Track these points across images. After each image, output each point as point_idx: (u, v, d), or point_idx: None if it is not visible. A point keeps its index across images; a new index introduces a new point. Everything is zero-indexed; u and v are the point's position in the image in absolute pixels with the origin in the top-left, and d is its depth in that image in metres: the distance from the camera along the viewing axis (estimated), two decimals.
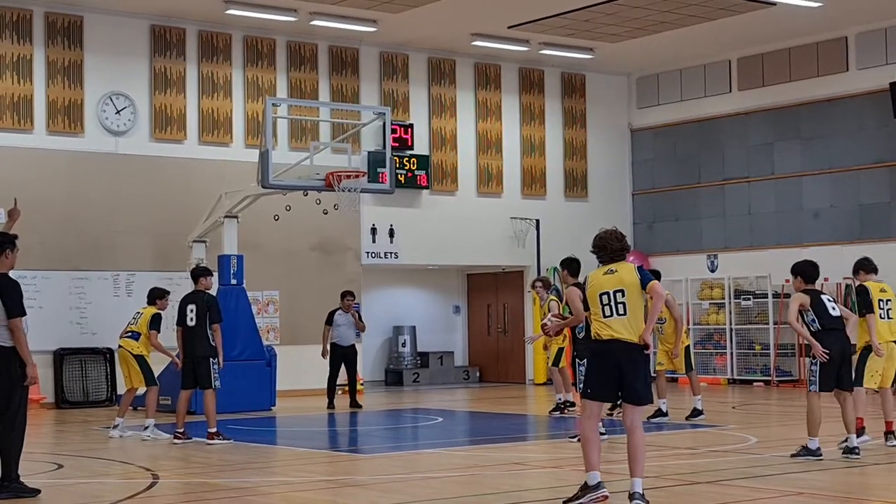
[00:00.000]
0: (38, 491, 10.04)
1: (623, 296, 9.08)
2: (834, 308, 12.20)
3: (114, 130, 21.53)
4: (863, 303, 13.22)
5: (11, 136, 20.56)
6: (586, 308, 9.46)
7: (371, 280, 24.63)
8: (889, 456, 12.42)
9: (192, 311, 14.83)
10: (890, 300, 13.25)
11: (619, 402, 9.82)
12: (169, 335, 16.08)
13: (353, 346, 20.03)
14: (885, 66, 23.00)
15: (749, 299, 24.60)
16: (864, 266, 13.70)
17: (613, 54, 25.33)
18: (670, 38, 24.01)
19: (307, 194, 20.07)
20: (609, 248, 9.42)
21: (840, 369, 12.13)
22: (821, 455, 11.90)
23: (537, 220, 25.85)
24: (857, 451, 12.12)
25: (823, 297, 12.37)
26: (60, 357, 20.57)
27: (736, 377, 24.61)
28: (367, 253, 24.03)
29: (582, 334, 13.43)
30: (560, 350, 17.14)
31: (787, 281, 23.50)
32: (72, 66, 21.15)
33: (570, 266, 14.11)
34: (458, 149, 25.26)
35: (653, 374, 15.01)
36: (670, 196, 26.84)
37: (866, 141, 23.58)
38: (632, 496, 9.00)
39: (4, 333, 10.04)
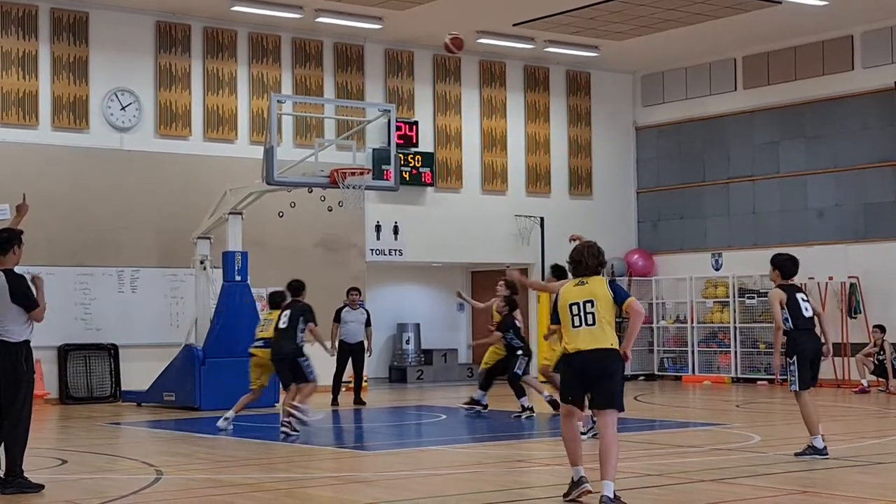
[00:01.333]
0: (42, 486, 10.06)
1: (592, 306, 9.27)
2: (807, 309, 12.29)
3: (119, 126, 21.55)
4: None
5: (16, 132, 20.58)
6: (556, 321, 9.56)
7: (375, 277, 24.63)
8: (889, 456, 12.41)
9: (285, 317, 15.44)
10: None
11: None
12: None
13: (361, 342, 20.02)
14: (890, 65, 22.98)
15: (753, 298, 24.58)
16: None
17: (619, 52, 25.32)
18: (676, 36, 23.99)
19: (312, 191, 20.08)
20: (585, 263, 9.58)
21: (812, 369, 12.37)
22: (827, 454, 11.89)
23: (542, 218, 25.84)
24: (825, 451, 12.04)
25: (799, 295, 12.39)
26: (65, 353, 20.60)
27: (740, 376, 24.60)
28: (372, 250, 24.02)
29: None
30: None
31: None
32: (77, 61, 21.16)
33: (556, 271, 14.91)
34: (462, 146, 25.26)
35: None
36: (675, 194, 26.83)
37: (871, 140, 23.55)
38: (601, 500, 9.03)
39: (11, 329, 10.06)
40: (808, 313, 12.26)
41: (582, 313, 9.27)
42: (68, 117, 21.05)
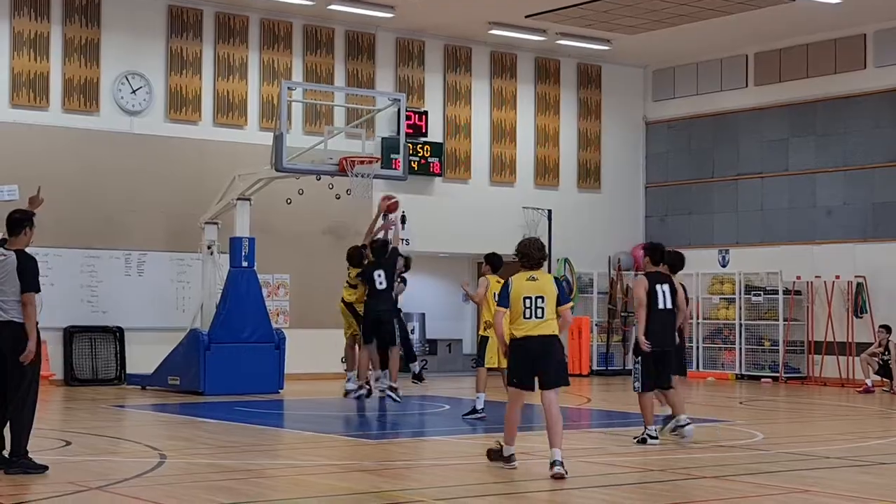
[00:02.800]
0: (46, 467, 10.09)
1: (542, 301, 10.47)
2: (665, 302, 12.75)
3: (129, 110, 21.56)
4: None
5: (27, 113, 20.60)
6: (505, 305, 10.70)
7: None
8: (892, 456, 12.42)
9: (379, 275, 16.06)
10: None
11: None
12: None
13: None
14: None
15: (759, 295, 24.57)
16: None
17: (630, 46, 25.28)
18: (687, 31, 23.94)
19: (320, 179, 20.07)
20: (531, 256, 10.65)
21: (662, 361, 12.79)
22: (656, 438, 12.58)
23: (549, 211, 25.82)
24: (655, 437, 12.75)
25: (661, 286, 12.75)
26: (70, 334, 20.64)
27: (744, 373, 24.59)
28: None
29: None
30: None
31: (799, 277, 23.60)
32: (88, 44, 21.17)
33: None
34: (472, 137, 25.24)
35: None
36: (683, 190, 26.80)
37: (882, 139, 23.51)
38: (552, 464, 10.19)
39: (19, 310, 10.09)
40: (663, 306, 12.74)
41: (533, 307, 10.48)
42: (79, 99, 21.07)
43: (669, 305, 12.82)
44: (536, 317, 10.45)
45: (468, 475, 10.88)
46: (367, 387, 16.93)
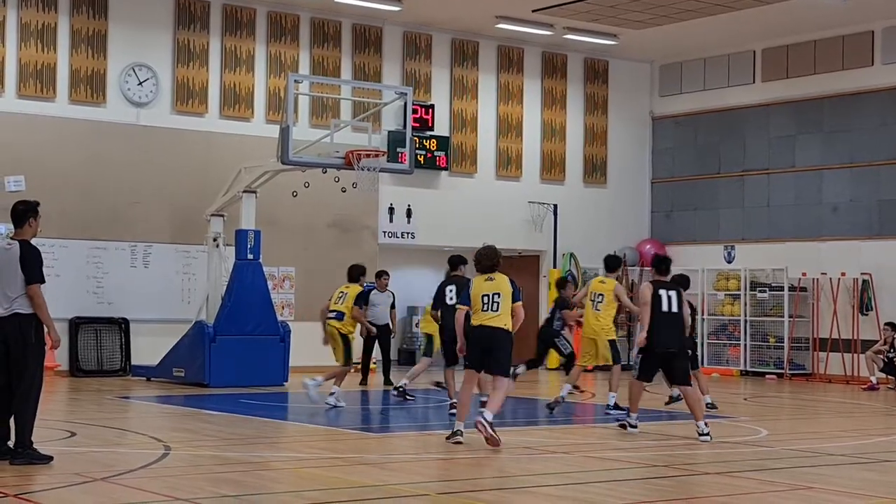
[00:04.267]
0: (51, 458, 10.11)
1: (498, 297, 12.18)
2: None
3: (135, 101, 21.57)
4: None
5: (34, 104, 20.61)
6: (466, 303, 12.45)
7: (387, 259, 24.59)
8: (895, 454, 12.41)
9: (451, 291, 14.94)
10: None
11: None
12: None
13: (388, 325, 20.13)
14: None
15: (765, 291, 24.55)
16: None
17: (637, 41, 25.25)
18: (695, 27, 23.92)
19: (326, 172, 20.08)
20: (483, 263, 12.37)
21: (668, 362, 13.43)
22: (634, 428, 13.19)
23: (555, 206, 25.82)
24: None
25: (668, 292, 13.36)
26: (76, 325, 20.66)
27: (749, 369, 24.58)
28: (384, 232, 24.04)
29: None
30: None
31: (804, 274, 23.58)
32: (96, 35, 21.18)
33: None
34: (478, 131, 25.24)
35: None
36: (689, 185, 26.78)
37: (888, 136, 23.47)
38: (480, 412, 11.96)
39: (23, 301, 10.10)
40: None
41: (490, 302, 12.18)
42: (86, 91, 21.08)
43: (675, 309, 13.16)
44: (493, 310, 12.13)
45: (473, 469, 10.89)
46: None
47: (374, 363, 21.29)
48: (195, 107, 22.08)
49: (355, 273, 17.01)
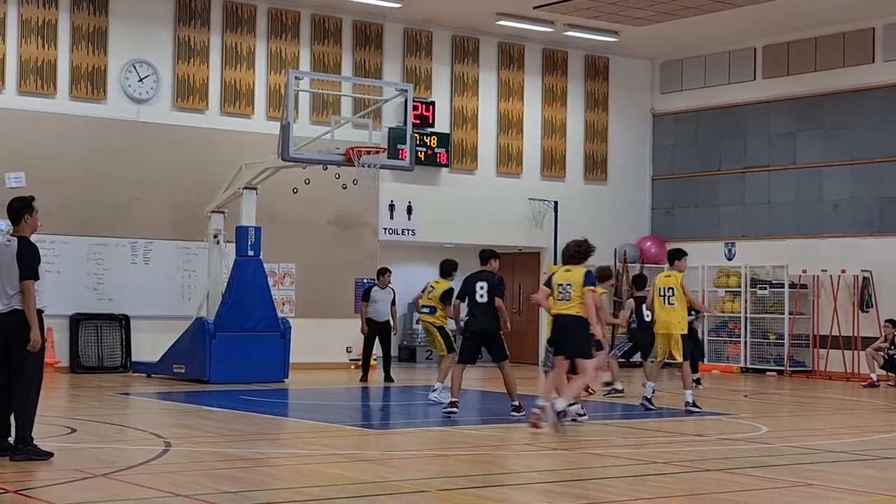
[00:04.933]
0: (51, 454, 10.11)
1: (570, 287, 12.94)
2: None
3: (136, 98, 21.57)
4: None
5: (35, 101, 20.60)
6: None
7: (388, 256, 24.60)
8: (895, 451, 12.41)
9: (482, 288, 14.56)
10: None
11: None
12: None
13: (389, 321, 20.18)
14: None
15: (765, 288, 24.55)
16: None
17: (638, 38, 25.25)
18: (696, 24, 23.90)
19: (327, 168, 20.08)
20: (565, 254, 13.49)
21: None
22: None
23: (555, 202, 25.82)
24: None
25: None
26: (76, 322, 20.67)
27: (749, 366, 24.59)
28: (385, 229, 24.04)
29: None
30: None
31: (805, 271, 23.58)
32: (96, 32, 21.18)
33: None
34: (478, 128, 25.24)
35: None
36: (690, 182, 26.78)
37: (889, 134, 23.46)
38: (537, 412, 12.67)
39: (21, 297, 10.10)
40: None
41: (564, 291, 13.06)
42: (86, 87, 21.08)
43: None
44: (565, 300, 13.01)
45: (474, 465, 10.89)
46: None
47: (375, 360, 21.29)
48: (196, 103, 22.08)
49: (447, 268, 17.09)
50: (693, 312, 16.93)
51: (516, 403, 14.39)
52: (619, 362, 18.66)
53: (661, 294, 15.58)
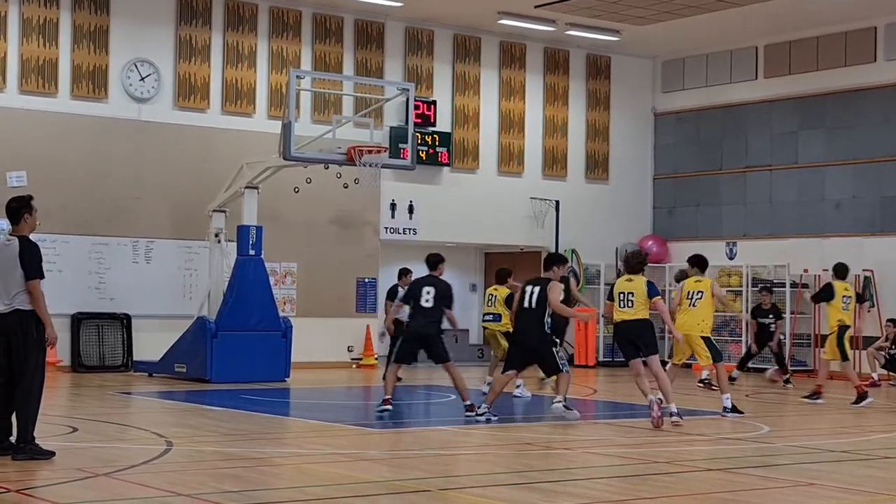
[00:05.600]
0: (53, 453, 10.11)
1: (633, 296, 13.92)
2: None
3: (137, 97, 21.57)
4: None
5: (36, 100, 20.61)
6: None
7: (389, 255, 24.62)
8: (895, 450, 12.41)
9: (428, 293, 14.68)
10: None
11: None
12: None
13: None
14: None
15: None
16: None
17: (640, 37, 25.24)
18: (697, 23, 23.89)
19: (328, 167, 20.07)
20: (628, 263, 14.50)
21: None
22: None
23: (557, 202, 25.81)
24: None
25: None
26: (78, 321, 20.67)
27: (751, 365, 24.53)
28: (386, 228, 24.04)
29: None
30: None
31: (806, 271, 23.57)
32: (98, 31, 21.18)
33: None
34: (480, 127, 25.23)
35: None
36: (692, 181, 26.77)
37: (891, 133, 23.45)
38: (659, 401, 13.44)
39: (23, 297, 10.11)
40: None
41: (626, 300, 14.02)
42: (87, 86, 21.07)
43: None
44: (628, 306, 13.92)
45: (475, 465, 10.90)
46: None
47: (376, 359, 21.28)
48: (197, 102, 22.08)
49: (502, 275, 17.93)
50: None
51: (468, 403, 14.40)
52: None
53: (688, 297, 15.43)
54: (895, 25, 23.29)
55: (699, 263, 16.27)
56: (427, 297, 14.57)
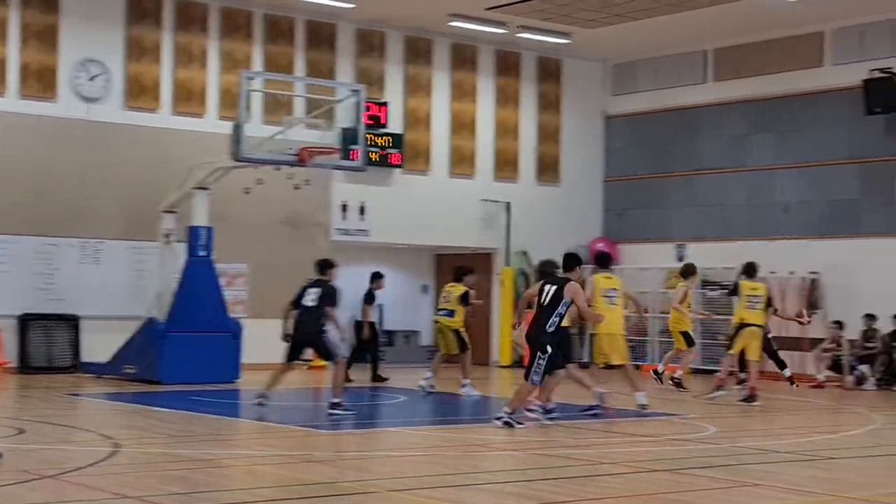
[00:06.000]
0: (0, 455, 10.05)
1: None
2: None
3: (87, 97, 21.42)
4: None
5: None
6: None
7: (340, 257, 24.44)
8: (841, 451, 12.55)
9: (313, 294, 15.12)
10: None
11: None
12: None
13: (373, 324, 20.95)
14: (859, 63, 23.09)
15: (715, 290, 24.70)
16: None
17: (590, 40, 25.36)
18: (648, 26, 24.05)
19: (279, 169, 20.02)
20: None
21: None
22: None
23: (508, 204, 25.90)
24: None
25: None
26: (25, 322, 20.50)
27: (699, 367, 24.72)
28: (337, 229, 24.02)
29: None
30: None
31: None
32: (46, 30, 21.02)
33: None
34: (431, 129, 25.27)
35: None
36: (642, 184, 26.94)
37: (839, 137, 23.71)
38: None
39: None
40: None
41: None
42: (36, 86, 20.91)
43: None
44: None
45: (424, 466, 10.92)
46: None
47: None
48: (147, 103, 21.97)
49: (460, 273, 18.36)
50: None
51: (336, 401, 14.62)
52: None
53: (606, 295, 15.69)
54: (842, 31, 23.56)
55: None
56: (310, 298, 14.95)
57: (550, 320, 13.42)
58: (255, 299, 22.70)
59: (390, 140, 24.38)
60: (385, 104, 24.35)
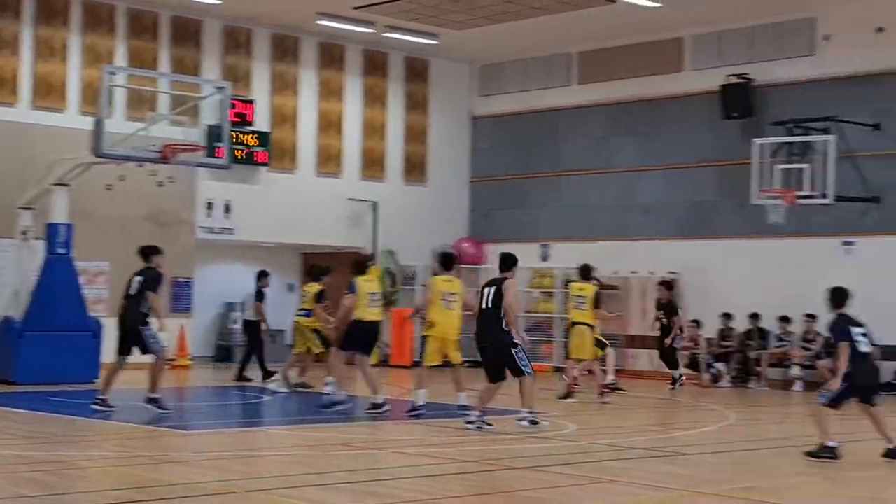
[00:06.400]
0: None
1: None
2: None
3: None
4: None
5: None
6: None
7: (205, 255, 24.38)
8: (696, 447, 12.84)
9: (136, 282, 14.97)
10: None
11: None
12: None
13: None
14: (717, 69, 23.63)
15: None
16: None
17: (457, 41, 25.50)
18: (514, 29, 24.26)
19: (143, 165, 19.72)
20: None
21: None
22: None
23: (375, 203, 25.92)
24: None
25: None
26: None
27: (561, 365, 25.02)
28: (202, 227, 23.76)
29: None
30: None
31: (615, 273, 24.17)
32: None
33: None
34: (298, 127, 25.16)
35: None
36: (508, 185, 27.18)
37: (698, 140, 24.23)
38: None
39: None
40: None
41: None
42: None
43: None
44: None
45: (282, 466, 10.89)
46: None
47: (192, 359, 21.04)
48: (5, 97, 21.45)
49: (316, 272, 18.56)
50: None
51: (153, 396, 14.73)
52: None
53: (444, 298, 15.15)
54: (701, 37, 24.08)
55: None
56: (133, 287, 14.94)
57: (501, 320, 13.39)
58: (117, 298, 21.97)
59: (256, 138, 24.20)
60: (251, 102, 24.17)
